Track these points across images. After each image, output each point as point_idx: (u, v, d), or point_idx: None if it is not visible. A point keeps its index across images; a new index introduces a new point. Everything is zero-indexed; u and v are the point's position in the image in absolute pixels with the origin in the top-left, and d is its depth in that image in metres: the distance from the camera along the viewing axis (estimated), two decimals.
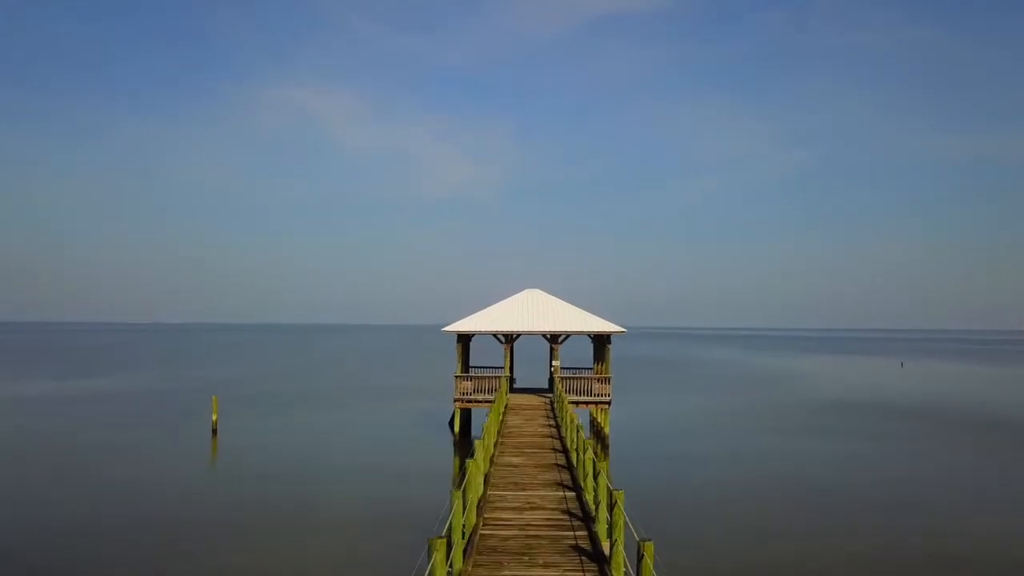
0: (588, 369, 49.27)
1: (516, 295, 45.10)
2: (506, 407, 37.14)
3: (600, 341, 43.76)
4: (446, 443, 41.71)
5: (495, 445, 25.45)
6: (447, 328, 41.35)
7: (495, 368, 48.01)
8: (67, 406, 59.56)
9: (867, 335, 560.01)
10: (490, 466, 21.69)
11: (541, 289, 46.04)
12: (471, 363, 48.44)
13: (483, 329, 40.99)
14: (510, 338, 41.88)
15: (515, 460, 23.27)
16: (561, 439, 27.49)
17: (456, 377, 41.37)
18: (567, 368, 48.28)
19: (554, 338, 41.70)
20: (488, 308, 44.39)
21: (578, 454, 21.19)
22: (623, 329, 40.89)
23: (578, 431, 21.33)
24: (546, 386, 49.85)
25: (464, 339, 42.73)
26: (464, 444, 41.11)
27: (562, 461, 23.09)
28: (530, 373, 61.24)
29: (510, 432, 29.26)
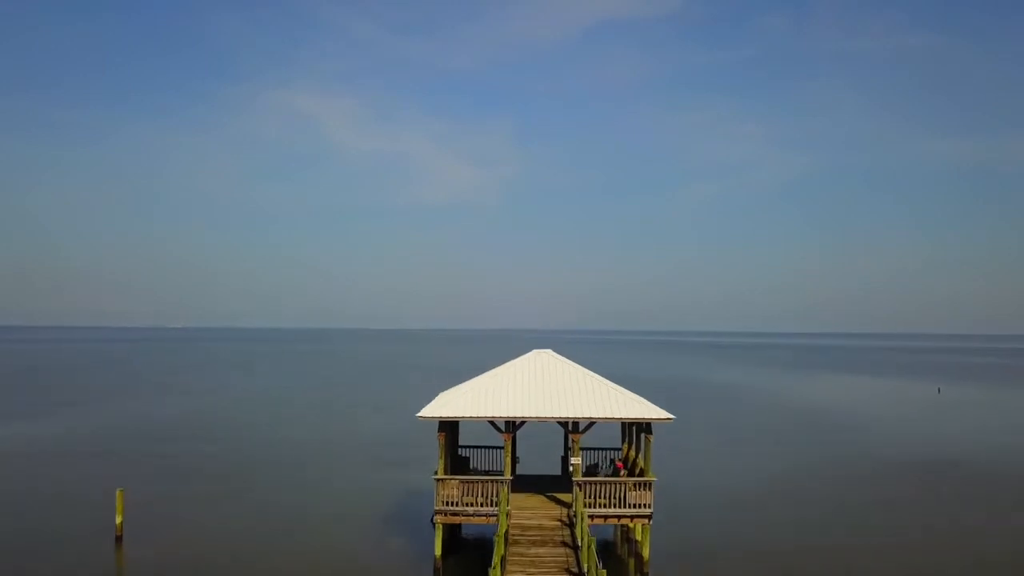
0: (614, 450, 37.88)
1: (519, 359, 33.61)
2: (507, 536, 25.78)
3: (636, 429, 32.48)
4: (424, 559, 30.41)
5: None
6: (424, 413, 29.84)
7: (493, 446, 36.70)
8: None
9: (876, 342, 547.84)
10: None
11: (552, 349, 34.57)
12: (459, 441, 37.13)
13: (475, 414, 29.58)
14: (512, 426, 30.42)
15: None
16: None
17: (437, 480, 29.88)
18: (588, 448, 36.90)
19: (574, 426, 30.28)
20: (482, 377, 33.00)
21: None
22: (669, 416, 29.44)
23: None
24: (558, 471, 38.47)
25: (448, 426, 31.25)
26: (447, 569, 29.79)
27: None
28: (533, 435, 49.72)
29: None
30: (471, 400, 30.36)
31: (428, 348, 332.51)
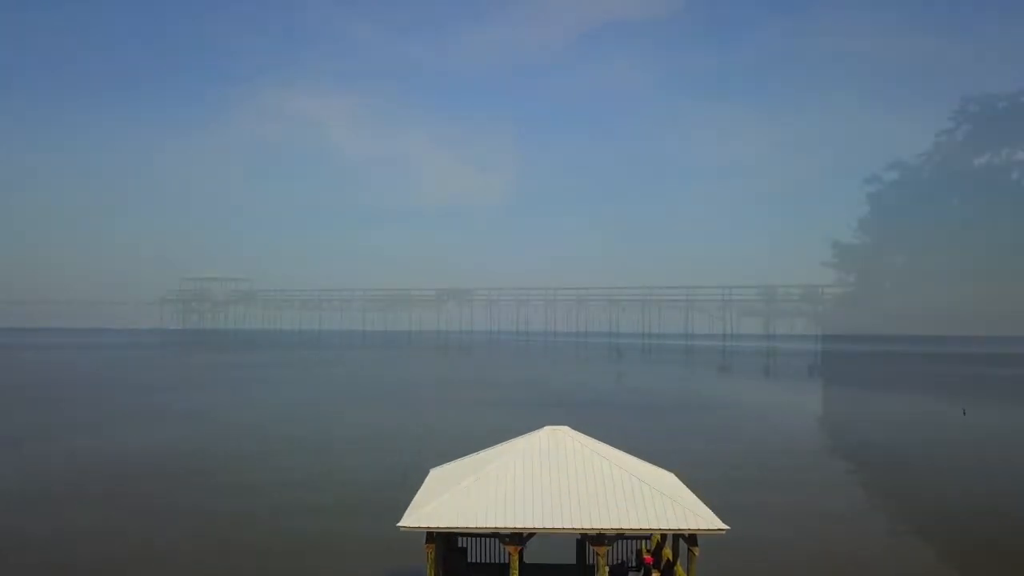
0: (644, 539, 31.45)
1: (529, 438, 27.18)
2: None
3: (677, 539, 26.18)
4: None
5: None
6: (407, 524, 23.50)
7: (490, 529, 30.17)
8: None
9: (877, 346, 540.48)
10: None
11: (568, 425, 28.18)
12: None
13: (472, 524, 23.25)
14: (520, 538, 24.05)
15: None
16: None
17: None
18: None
19: (599, 539, 23.89)
20: (483, 457, 26.65)
21: None
22: (722, 527, 23.11)
23: None
24: (572, 557, 32.10)
25: (439, 538, 24.84)
26: None
27: None
28: None
29: None
30: (468, 502, 23.95)
31: (428, 353, 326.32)
